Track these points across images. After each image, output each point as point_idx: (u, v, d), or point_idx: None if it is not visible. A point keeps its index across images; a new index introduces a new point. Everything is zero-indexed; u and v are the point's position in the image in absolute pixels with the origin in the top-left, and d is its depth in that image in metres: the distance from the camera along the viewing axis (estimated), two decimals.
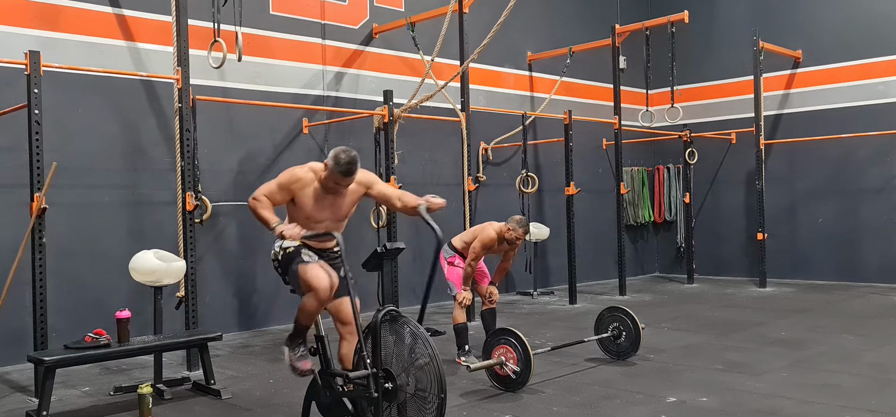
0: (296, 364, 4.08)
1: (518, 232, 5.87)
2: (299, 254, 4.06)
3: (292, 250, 4.10)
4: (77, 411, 4.96)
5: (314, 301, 3.96)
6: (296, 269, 4.03)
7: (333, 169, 4.00)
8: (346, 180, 4.07)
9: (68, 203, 6.60)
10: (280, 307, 7.96)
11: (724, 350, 6.21)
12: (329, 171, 4.03)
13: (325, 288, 3.93)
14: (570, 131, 9.42)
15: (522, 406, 4.71)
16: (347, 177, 4.05)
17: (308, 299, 3.99)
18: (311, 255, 4.09)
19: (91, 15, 6.97)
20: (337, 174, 4.01)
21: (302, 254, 4.06)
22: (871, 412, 4.39)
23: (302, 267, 4.00)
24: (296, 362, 4.08)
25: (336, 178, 4.03)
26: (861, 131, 10.39)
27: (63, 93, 6.66)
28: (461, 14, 8.32)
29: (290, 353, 4.10)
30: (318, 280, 3.93)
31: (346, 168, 3.99)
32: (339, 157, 3.98)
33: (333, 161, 3.99)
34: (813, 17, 11.06)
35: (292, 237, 3.85)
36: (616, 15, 12.14)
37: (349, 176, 4.04)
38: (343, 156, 3.98)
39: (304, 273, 3.98)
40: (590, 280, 11.38)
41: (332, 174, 4.02)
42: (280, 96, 8.20)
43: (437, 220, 4.03)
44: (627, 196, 12.07)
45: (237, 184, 7.86)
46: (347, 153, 4.00)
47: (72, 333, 5.77)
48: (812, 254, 11.02)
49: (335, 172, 4.00)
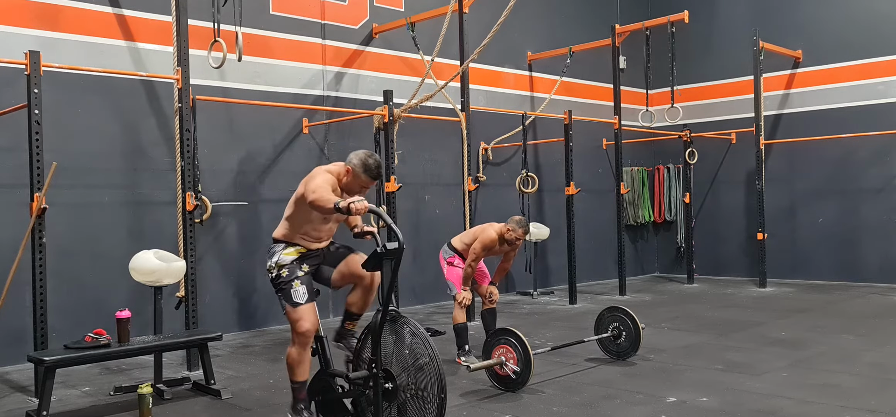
0: None
1: (518, 233, 5.87)
2: (292, 285, 4.11)
3: (286, 274, 4.15)
4: (77, 411, 4.96)
5: (298, 349, 4.11)
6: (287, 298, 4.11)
7: (364, 172, 4.09)
8: (373, 183, 4.19)
9: (68, 203, 6.60)
10: (280, 307, 7.93)
11: (724, 350, 6.21)
12: (354, 176, 4.11)
13: (309, 331, 4.07)
14: (570, 131, 9.42)
15: (522, 406, 4.71)
16: (375, 181, 4.18)
17: (293, 350, 4.13)
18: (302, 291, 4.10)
19: (91, 15, 6.97)
20: (366, 177, 4.11)
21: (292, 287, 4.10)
22: (871, 412, 4.39)
23: (290, 309, 4.09)
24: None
25: (363, 182, 4.13)
26: (861, 131, 10.39)
27: (63, 93, 6.65)
28: (461, 14, 8.32)
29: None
30: (303, 324, 4.05)
31: (375, 172, 4.13)
32: (367, 163, 4.09)
33: (362, 167, 4.09)
34: (813, 17, 11.06)
35: (361, 209, 3.76)
36: (616, 15, 12.14)
37: (377, 180, 4.20)
38: (371, 162, 4.11)
39: (292, 313, 4.09)
40: (590, 280, 11.38)
41: (358, 178, 4.11)
42: (280, 96, 8.20)
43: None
44: (627, 196, 12.07)
45: (237, 184, 7.86)
46: (374, 158, 4.14)
47: (72, 333, 5.78)
48: (812, 254, 11.02)
49: (364, 176, 4.10)
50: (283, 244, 4.23)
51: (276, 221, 4.52)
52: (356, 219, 4.30)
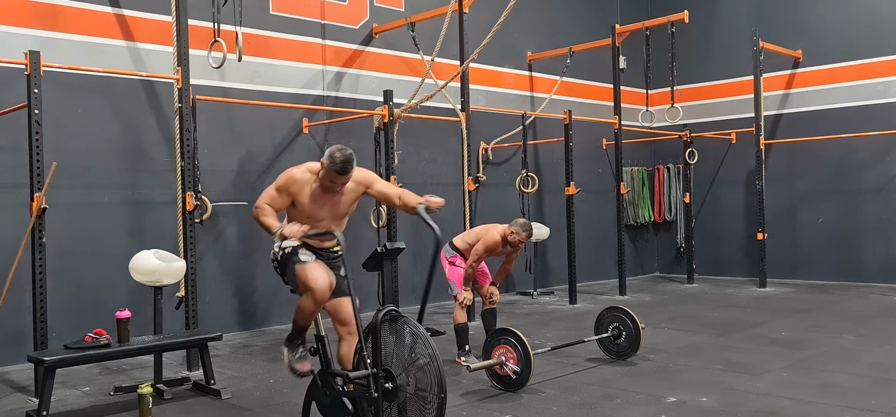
0: (295, 365, 4.09)
1: (521, 236, 5.87)
2: (297, 254, 4.06)
3: (291, 250, 4.09)
4: (77, 411, 4.96)
5: (311, 302, 3.96)
6: (294, 269, 4.03)
7: (329, 167, 3.99)
8: (342, 179, 4.05)
9: (68, 203, 6.60)
10: (280, 307, 7.96)
11: (724, 350, 6.21)
12: (325, 170, 4.02)
13: (322, 288, 3.93)
14: (570, 131, 9.42)
15: (522, 406, 4.71)
16: (343, 176, 4.03)
17: (305, 300, 3.99)
18: (309, 255, 4.09)
19: (91, 15, 6.97)
20: (332, 172, 4.00)
21: (299, 254, 4.06)
22: (871, 412, 4.39)
23: (299, 266, 4.00)
24: (295, 363, 4.09)
25: (332, 177, 4.02)
26: (861, 131, 10.39)
27: (63, 93, 6.65)
28: (461, 14, 8.32)
29: (290, 354, 4.11)
30: (315, 280, 3.92)
31: (340, 166, 3.97)
32: (333, 156, 3.97)
33: (329, 160, 3.98)
34: (813, 17, 11.06)
35: (293, 236, 3.85)
36: (616, 15, 12.14)
37: (344, 174, 4.02)
38: (338, 155, 3.97)
39: (303, 272, 3.97)
40: (590, 280, 11.38)
41: (327, 173, 4.02)
42: (280, 96, 8.20)
43: (436, 220, 4.02)
44: (627, 196, 12.07)
45: (237, 184, 7.86)
46: (342, 151, 3.98)
47: (72, 333, 5.77)
48: (812, 254, 11.02)
49: (331, 171, 3.99)
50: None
51: None
52: (414, 203, 4.18)
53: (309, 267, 3.98)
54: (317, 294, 3.91)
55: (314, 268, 3.98)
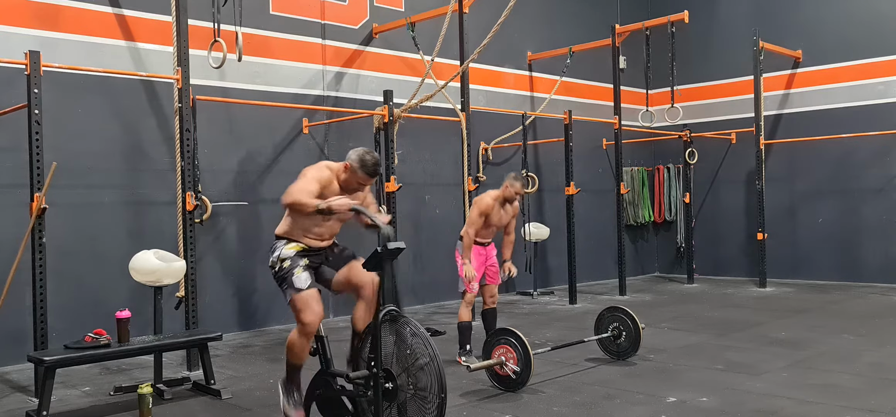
0: (288, 412, 4.20)
1: (515, 187, 5.90)
2: (293, 274, 4.07)
3: (288, 264, 4.11)
4: (77, 411, 4.96)
5: (301, 337, 4.07)
6: (288, 293, 4.08)
7: (361, 169, 4.12)
8: (371, 180, 4.23)
9: (68, 203, 6.60)
10: (280, 307, 7.95)
11: (724, 350, 6.21)
12: (352, 172, 4.14)
13: (313, 321, 4.03)
14: (570, 131, 9.42)
15: (522, 406, 4.71)
16: (373, 178, 4.21)
17: (295, 335, 4.10)
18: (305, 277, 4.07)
19: (91, 15, 6.97)
20: (363, 175, 4.14)
21: (294, 277, 4.06)
22: (871, 412, 4.39)
23: (295, 296, 4.06)
24: (289, 411, 4.20)
25: (360, 179, 4.16)
26: (861, 131, 10.39)
27: (63, 93, 6.65)
28: (461, 14, 8.32)
29: (285, 398, 4.22)
30: (306, 313, 4.02)
31: (372, 169, 4.15)
32: (364, 159, 4.12)
33: (360, 162, 4.11)
34: (813, 17, 11.06)
35: (343, 208, 3.84)
36: (616, 15, 12.14)
37: (375, 176, 4.22)
38: (369, 158, 4.13)
39: (297, 303, 4.05)
40: (590, 280, 11.38)
41: (355, 175, 4.14)
42: (280, 96, 8.19)
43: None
44: (627, 196, 12.07)
45: (237, 184, 7.86)
46: (372, 155, 4.17)
47: (72, 333, 5.77)
48: (812, 254, 11.02)
49: (362, 172, 4.13)
50: (284, 240, 4.22)
51: (276, 221, 4.51)
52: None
53: (302, 299, 4.04)
54: (307, 328, 4.04)
55: (308, 300, 4.04)
